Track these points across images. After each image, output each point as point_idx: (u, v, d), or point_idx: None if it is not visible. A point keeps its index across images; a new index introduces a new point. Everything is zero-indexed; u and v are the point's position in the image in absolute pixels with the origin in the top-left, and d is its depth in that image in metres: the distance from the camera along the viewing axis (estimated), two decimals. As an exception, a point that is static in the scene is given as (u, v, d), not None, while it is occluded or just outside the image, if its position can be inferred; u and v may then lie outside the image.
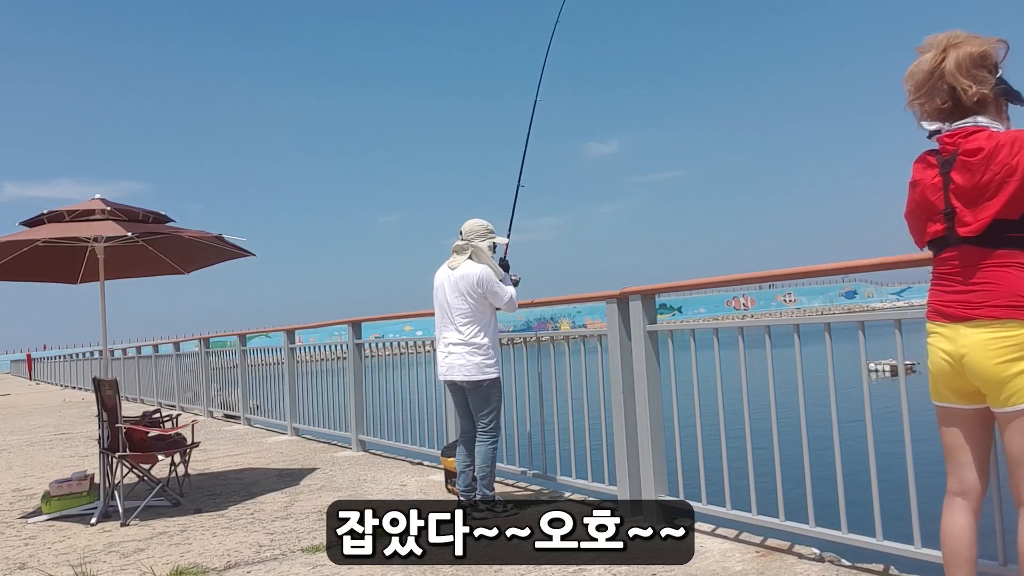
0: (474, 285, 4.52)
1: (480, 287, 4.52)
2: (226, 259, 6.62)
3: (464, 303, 4.55)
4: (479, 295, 4.53)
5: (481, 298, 4.53)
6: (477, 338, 4.53)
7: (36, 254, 6.07)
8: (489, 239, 4.65)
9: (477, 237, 4.63)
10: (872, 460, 3.24)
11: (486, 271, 4.54)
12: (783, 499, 3.55)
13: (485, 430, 4.56)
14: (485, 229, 4.67)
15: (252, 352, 10.75)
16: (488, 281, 4.53)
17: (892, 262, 3.25)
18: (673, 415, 4.14)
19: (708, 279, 4.38)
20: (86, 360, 25.29)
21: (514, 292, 4.65)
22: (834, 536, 3.33)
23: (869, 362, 3.36)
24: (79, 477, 5.69)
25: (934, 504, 3.15)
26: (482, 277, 4.52)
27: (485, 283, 4.52)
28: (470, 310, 4.54)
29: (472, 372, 4.52)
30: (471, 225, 4.67)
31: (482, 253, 4.60)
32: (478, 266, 4.55)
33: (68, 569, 4.05)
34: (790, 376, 3.53)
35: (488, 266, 4.58)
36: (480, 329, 4.54)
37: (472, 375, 4.52)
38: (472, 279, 4.53)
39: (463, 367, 4.54)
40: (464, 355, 4.54)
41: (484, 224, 4.69)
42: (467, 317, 4.55)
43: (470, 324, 4.54)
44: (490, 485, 4.57)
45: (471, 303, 4.54)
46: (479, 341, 4.53)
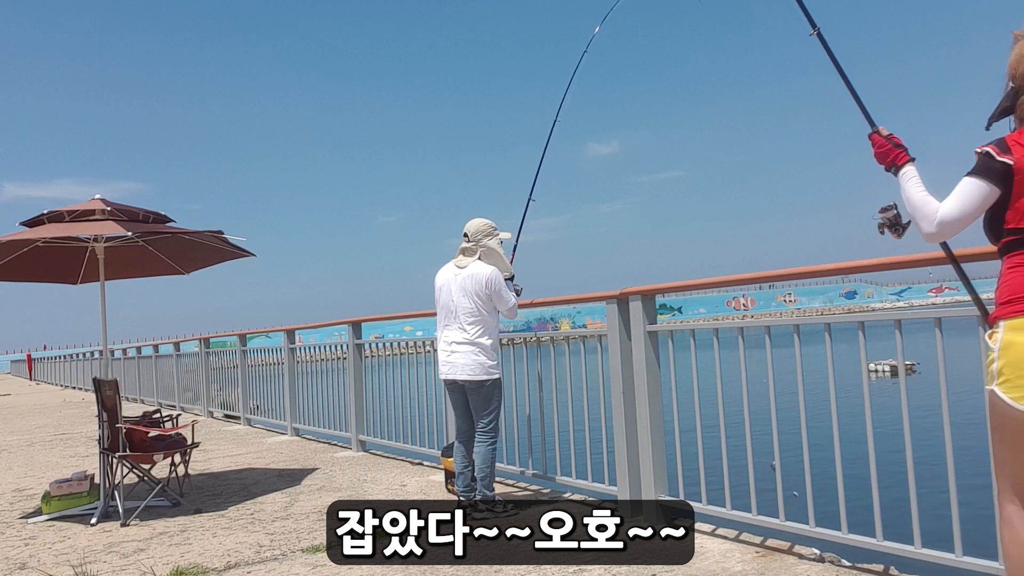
0: (482, 286, 4.53)
1: (488, 288, 4.53)
2: (226, 259, 6.62)
3: (471, 303, 4.55)
4: (486, 296, 4.54)
5: (487, 299, 4.54)
6: (482, 338, 4.54)
7: (36, 254, 6.07)
8: (495, 236, 4.67)
9: (484, 237, 4.63)
10: (872, 460, 3.24)
11: (495, 273, 4.56)
12: (783, 499, 3.55)
13: (484, 430, 4.57)
14: (490, 227, 4.67)
15: (252, 352, 10.75)
16: (497, 283, 4.55)
17: (892, 262, 3.25)
18: (673, 415, 4.14)
19: (708, 279, 4.39)
20: (86, 360, 25.28)
21: (516, 300, 4.69)
22: (834, 536, 3.33)
23: (869, 362, 3.36)
24: (79, 477, 5.69)
25: (934, 504, 3.16)
26: (491, 278, 4.54)
27: (493, 284, 4.54)
28: (476, 310, 4.55)
29: (476, 372, 4.53)
30: (476, 225, 4.66)
31: (493, 252, 4.62)
32: (487, 267, 4.57)
33: (68, 569, 4.05)
34: (790, 376, 3.53)
35: (497, 267, 4.60)
36: (485, 330, 4.55)
37: (476, 375, 4.53)
38: (481, 279, 4.53)
39: (467, 366, 4.54)
40: (469, 355, 4.54)
41: (488, 223, 4.69)
42: (473, 317, 4.55)
43: (476, 324, 4.55)
44: (490, 485, 4.58)
45: (477, 303, 4.54)
46: (484, 341, 4.54)
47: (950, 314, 3.15)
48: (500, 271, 4.61)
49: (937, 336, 3.04)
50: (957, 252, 2.69)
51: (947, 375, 3.01)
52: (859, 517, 3.29)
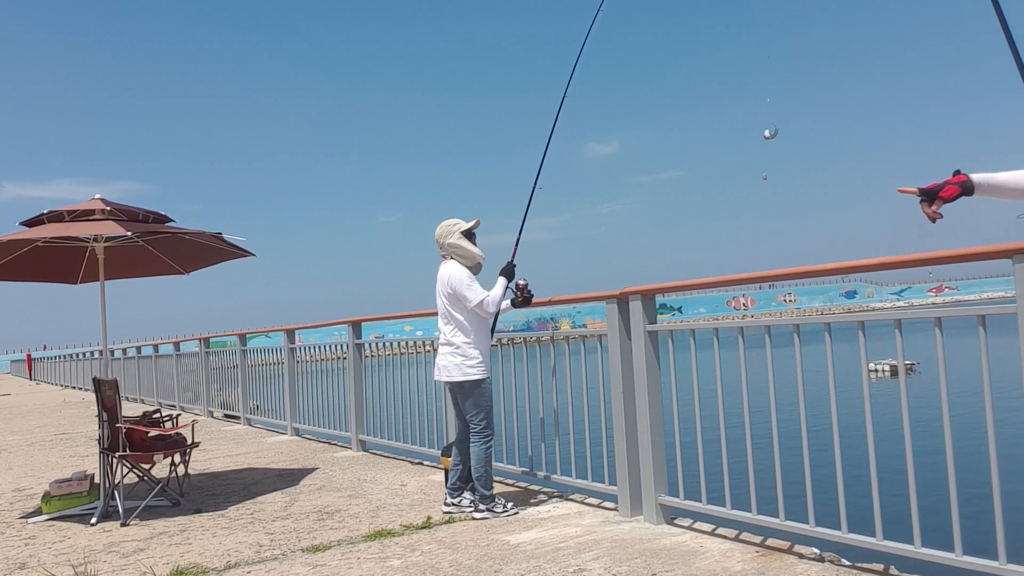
0: (446, 285, 4.60)
1: (450, 287, 4.57)
2: (226, 259, 6.63)
3: (442, 304, 4.66)
4: (451, 296, 4.59)
5: (454, 298, 4.58)
6: (456, 338, 4.59)
7: (36, 254, 6.07)
8: (457, 233, 4.65)
9: (446, 238, 4.65)
10: (872, 460, 3.24)
11: (457, 271, 4.58)
12: (783, 499, 3.56)
13: (476, 431, 4.60)
14: (448, 228, 4.67)
15: (252, 352, 10.75)
16: (456, 281, 4.55)
17: (892, 262, 3.26)
18: (673, 415, 4.14)
19: (708, 279, 4.38)
20: (86, 360, 25.28)
21: (492, 296, 4.58)
22: (834, 536, 3.34)
23: (869, 362, 3.36)
24: (79, 477, 5.69)
25: (934, 504, 3.16)
26: (451, 277, 4.58)
27: (454, 282, 4.56)
28: (447, 311, 4.63)
29: (454, 373, 4.58)
30: (439, 231, 4.70)
31: (458, 248, 4.62)
32: (452, 267, 4.61)
33: (68, 569, 4.05)
34: (790, 376, 3.54)
35: (468, 260, 4.60)
36: (458, 329, 4.59)
37: (453, 376, 4.59)
38: (444, 279, 4.61)
39: (446, 368, 4.62)
40: (447, 356, 4.62)
41: (447, 223, 4.70)
42: (446, 318, 4.65)
43: (449, 323, 4.63)
44: (487, 484, 4.58)
45: (446, 304, 4.63)
46: (458, 341, 4.58)
47: (950, 314, 3.15)
48: (469, 263, 4.61)
49: (937, 336, 3.04)
50: (961, 252, 2.68)
51: (947, 375, 3.01)
52: (859, 517, 3.29)
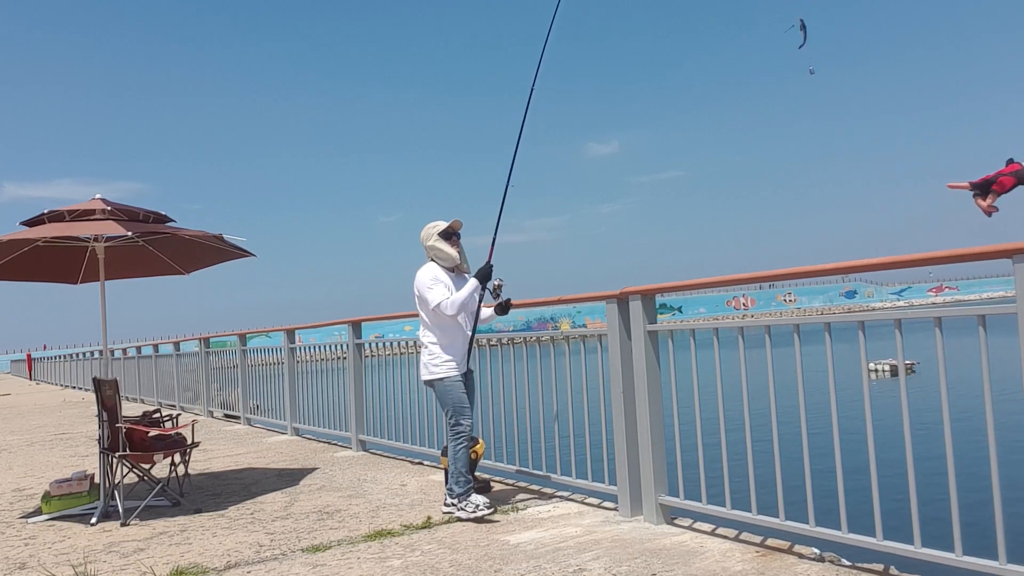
0: (414, 286, 4.72)
1: (416, 289, 4.71)
2: (226, 259, 6.63)
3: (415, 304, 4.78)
4: (419, 297, 4.70)
5: (421, 300, 4.70)
6: (426, 338, 4.73)
7: (36, 254, 6.07)
8: (434, 235, 4.73)
9: (426, 240, 4.76)
10: (872, 460, 3.24)
11: (422, 274, 4.69)
12: (783, 499, 3.56)
13: (449, 428, 4.65)
14: (429, 230, 4.77)
15: (252, 352, 10.75)
16: (418, 282, 4.69)
17: (892, 262, 3.25)
18: (673, 415, 4.14)
19: (708, 279, 4.38)
20: (86, 360, 25.29)
21: (453, 299, 4.55)
22: (834, 536, 3.34)
23: (869, 362, 3.36)
24: (79, 477, 5.69)
25: (934, 504, 3.16)
26: (416, 279, 4.72)
27: (417, 284, 4.70)
28: (418, 311, 4.76)
29: (423, 372, 4.75)
30: (421, 234, 4.81)
31: (435, 250, 4.72)
32: (422, 269, 4.72)
33: (68, 569, 4.05)
34: (790, 376, 3.54)
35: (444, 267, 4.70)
36: (426, 329, 4.72)
37: (423, 375, 4.75)
38: (415, 280, 4.72)
39: (421, 367, 4.77)
40: (422, 355, 4.76)
41: (428, 227, 4.79)
42: (420, 318, 4.78)
43: (421, 323, 4.76)
44: (459, 481, 4.55)
45: (416, 304, 4.75)
46: (426, 341, 4.72)
47: (950, 314, 3.15)
48: (448, 264, 4.70)
49: (937, 336, 3.04)
50: (961, 252, 2.68)
51: (947, 375, 3.01)
52: (859, 516, 3.29)
